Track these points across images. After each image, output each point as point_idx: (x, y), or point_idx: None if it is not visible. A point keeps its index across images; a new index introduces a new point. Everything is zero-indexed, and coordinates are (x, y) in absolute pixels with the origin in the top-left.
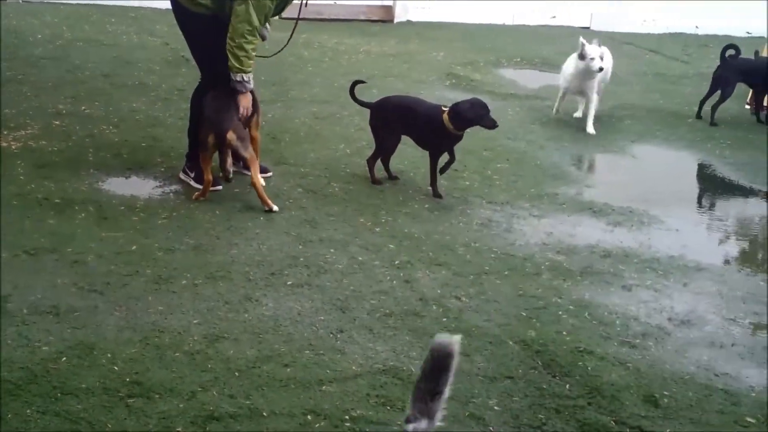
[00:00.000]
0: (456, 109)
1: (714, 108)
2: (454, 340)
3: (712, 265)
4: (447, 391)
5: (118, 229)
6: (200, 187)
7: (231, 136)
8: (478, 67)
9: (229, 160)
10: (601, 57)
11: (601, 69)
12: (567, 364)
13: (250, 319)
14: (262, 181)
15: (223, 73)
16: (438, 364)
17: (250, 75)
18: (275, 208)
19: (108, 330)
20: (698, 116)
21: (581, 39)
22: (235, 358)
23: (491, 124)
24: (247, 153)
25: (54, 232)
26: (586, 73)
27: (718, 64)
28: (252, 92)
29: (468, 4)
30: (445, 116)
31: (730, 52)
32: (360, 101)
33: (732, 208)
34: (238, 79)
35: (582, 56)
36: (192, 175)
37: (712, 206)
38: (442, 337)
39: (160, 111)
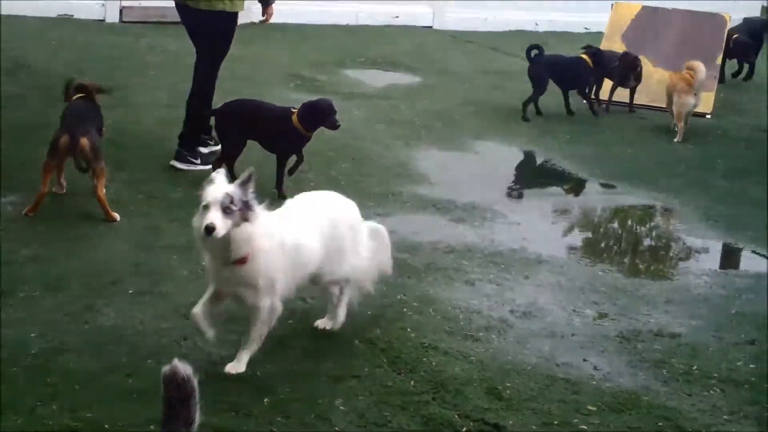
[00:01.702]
0: (304, 110)
1: (525, 104)
2: (181, 364)
3: (553, 257)
4: (198, 416)
5: None
6: (203, 167)
7: (84, 142)
8: (323, 67)
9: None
10: (231, 207)
11: (210, 231)
12: (412, 360)
13: (92, 330)
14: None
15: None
16: (178, 392)
17: None
18: (117, 218)
19: None
20: (524, 118)
21: (216, 173)
22: (76, 370)
23: (333, 125)
24: (99, 165)
25: None
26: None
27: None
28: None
29: (312, 4)
30: (295, 117)
31: (535, 51)
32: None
33: (571, 201)
34: None
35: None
36: (198, 160)
37: (552, 199)
38: (171, 366)
39: None
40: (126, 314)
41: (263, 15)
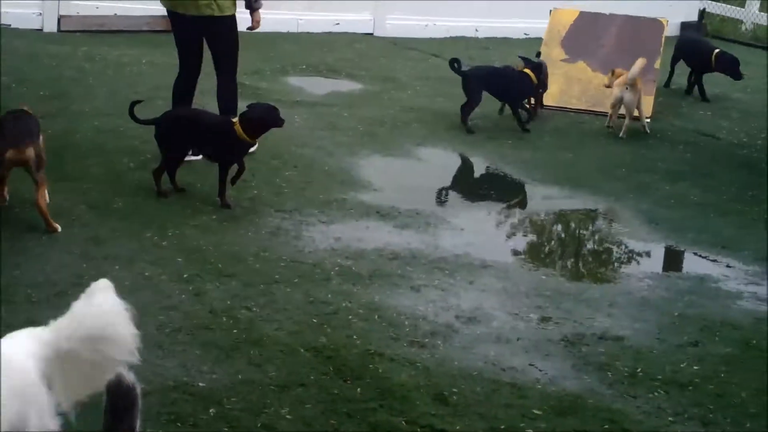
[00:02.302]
0: (249, 118)
1: (463, 114)
2: (126, 373)
3: (497, 262)
4: (139, 425)
5: None
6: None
7: (30, 152)
8: (265, 75)
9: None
10: None
11: None
12: (358, 367)
13: None
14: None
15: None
16: (122, 401)
17: None
18: (59, 228)
19: None
20: (468, 130)
21: None
22: None
23: (282, 123)
24: (41, 174)
25: None
26: None
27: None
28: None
29: None
30: (238, 126)
31: (455, 65)
32: (141, 120)
33: (514, 206)
34: None
35: None
36: None
37: (495, 204)
38: (115, 375)
39: None
40: None
41: (251, 22)
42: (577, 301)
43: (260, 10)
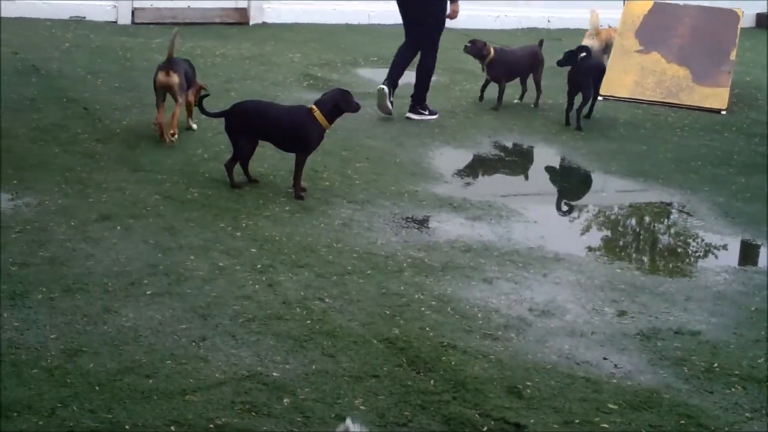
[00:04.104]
0: (327, 102)
1: (578, 111)
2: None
3: (571, 255)
4: None
5: None
6: (431, 117)
7: (174, 78)
8: (335, 67)
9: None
10: None
11: None
12: (431, 359)
13: (110, 331)
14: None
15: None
16: None
17: None
18: (172, 140)
19: None
20: (569, 123)
21: None
22: (95, 371)
23: (357, 108)
24: (182, 98)
25: None
26: None
27: (570, 67)
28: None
29: (324, 4)
30: (317, 113)
31: (583, 54)
32: (211, 113)
33: (588, 198)
34: None
35: None
36: (426, 112)
37: (569, 196)
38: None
39: (8, 122)
40: (144, 315)
41: (449, 12)
42: (652, 295)
43: (454, 5)
